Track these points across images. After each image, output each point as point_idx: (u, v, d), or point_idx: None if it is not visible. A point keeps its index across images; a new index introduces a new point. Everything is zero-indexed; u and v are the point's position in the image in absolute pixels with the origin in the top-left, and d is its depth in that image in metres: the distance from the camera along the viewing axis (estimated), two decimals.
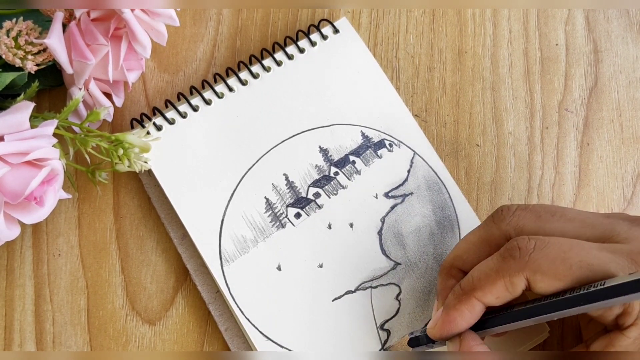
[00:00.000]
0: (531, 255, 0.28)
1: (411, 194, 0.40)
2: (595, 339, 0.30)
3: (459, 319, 0.31)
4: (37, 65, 0.35)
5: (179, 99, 0.40)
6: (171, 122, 0.39)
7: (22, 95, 0.35)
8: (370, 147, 0.40)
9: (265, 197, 0.39)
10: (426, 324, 0.34)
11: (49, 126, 0.34)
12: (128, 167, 0.35)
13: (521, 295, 0.30)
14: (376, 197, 0.40)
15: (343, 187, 0.40)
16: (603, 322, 0.29)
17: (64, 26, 0.35)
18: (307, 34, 0.42)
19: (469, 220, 0.40)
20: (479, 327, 0.32)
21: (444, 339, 0.32)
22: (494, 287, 0.29)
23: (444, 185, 0.41)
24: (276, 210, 0.39)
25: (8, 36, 0.34)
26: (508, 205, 0.33)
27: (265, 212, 0.38)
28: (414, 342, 0.34)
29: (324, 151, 0.40)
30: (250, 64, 0.41)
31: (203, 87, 0.40)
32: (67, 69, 0.35)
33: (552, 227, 0.31)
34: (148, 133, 0.36)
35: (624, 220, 0.31)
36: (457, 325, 0.31)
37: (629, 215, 0.32)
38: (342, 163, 0.40)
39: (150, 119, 0.39)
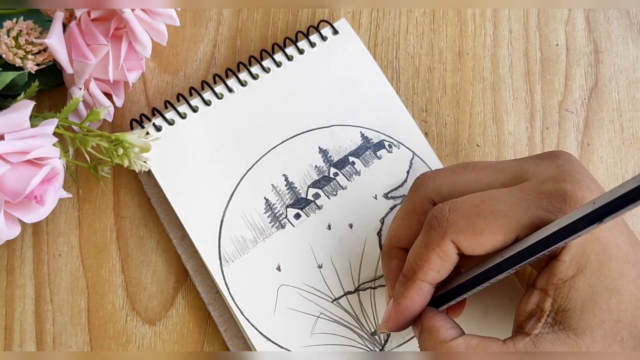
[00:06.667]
0: (448, 219, 0.29)
1: None
2: (536, 277, 0.30)
3: (410, 304, 0.31)
4: (38, 65, 0.35)
5: (178, 100, 0.40)
6: (170, 122, 0.39)
7: (22, 95, 0.35)
8: (369, 148, 0.40)
9: (264, 198, 0.39)
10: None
11: (49, 125, 0.34)
12: (127, 166, 0.35)
13: (470, 261, 0.31)
14: (375, 198, 0.39)
15: (342, 188, 0.39)
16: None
17: (64, 26, 0.35)
18: (306, 35, 0.42)
19: None
20: (437, 304, 0.32)
21: (401, 329, 0.32)
22: (429, 262, 0.30)
23: None
24: (276, 211, 0.38)
25: (8, 36, 0.34)
26: (424, 172, 0.33)
27: (265, 213, 0.38)
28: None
29: (323, 152, 0.40)
30: (250, 64, 0.41)
31: (202, 88, 0.40)
32: (68, 68, 0.35)
33: (467, 179, 0.31)
34: (147, 134, 0.36)
35: (532, 158, 0.32)
36: (410, 312, 0.31)
37: (537, 154, 0.32)
38: (341, 164, 0.40)
39: (149, 120, 0.39)
